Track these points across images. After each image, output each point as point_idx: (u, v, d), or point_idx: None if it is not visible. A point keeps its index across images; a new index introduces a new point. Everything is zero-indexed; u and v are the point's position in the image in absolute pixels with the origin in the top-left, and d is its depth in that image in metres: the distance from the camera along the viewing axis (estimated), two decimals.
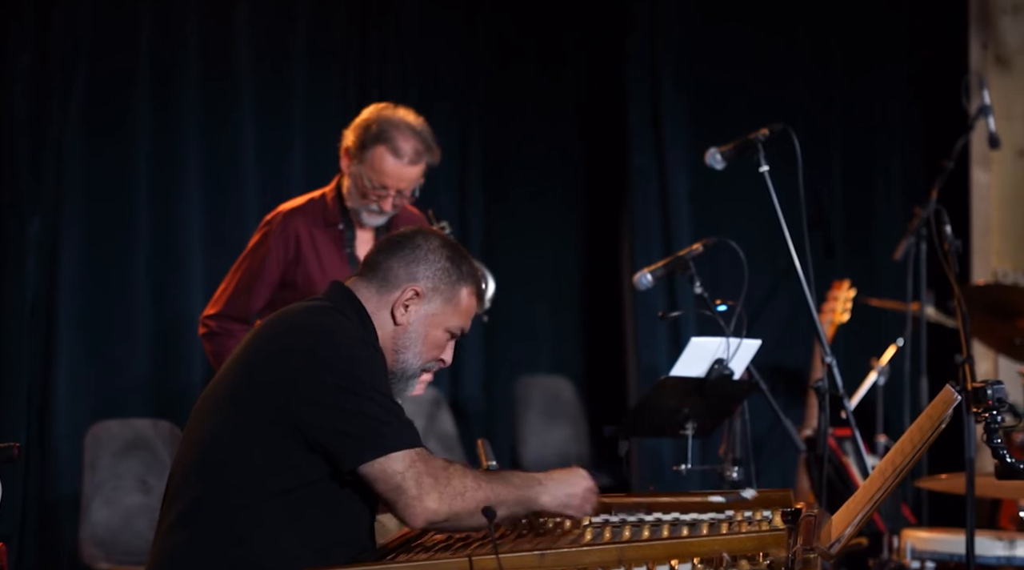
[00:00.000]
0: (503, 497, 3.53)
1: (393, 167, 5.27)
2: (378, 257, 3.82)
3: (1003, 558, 5.95)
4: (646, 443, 7.84)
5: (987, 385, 3.68)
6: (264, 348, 3.64)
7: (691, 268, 5.20)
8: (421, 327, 3.77)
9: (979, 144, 8.17)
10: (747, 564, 3.20)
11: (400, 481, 3.44)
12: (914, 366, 7.57)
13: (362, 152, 5.30)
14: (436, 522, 3.47)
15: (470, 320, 3.88)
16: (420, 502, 3.43)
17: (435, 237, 3.84)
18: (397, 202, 5.34)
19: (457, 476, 3.49)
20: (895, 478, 3.42)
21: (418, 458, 3.47)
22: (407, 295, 3.75)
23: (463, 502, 3.46)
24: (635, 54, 8.13)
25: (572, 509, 3.68)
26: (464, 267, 3.83)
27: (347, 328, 3.62)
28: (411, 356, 3.79)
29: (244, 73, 7.09)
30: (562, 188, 8.48)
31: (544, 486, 3.64)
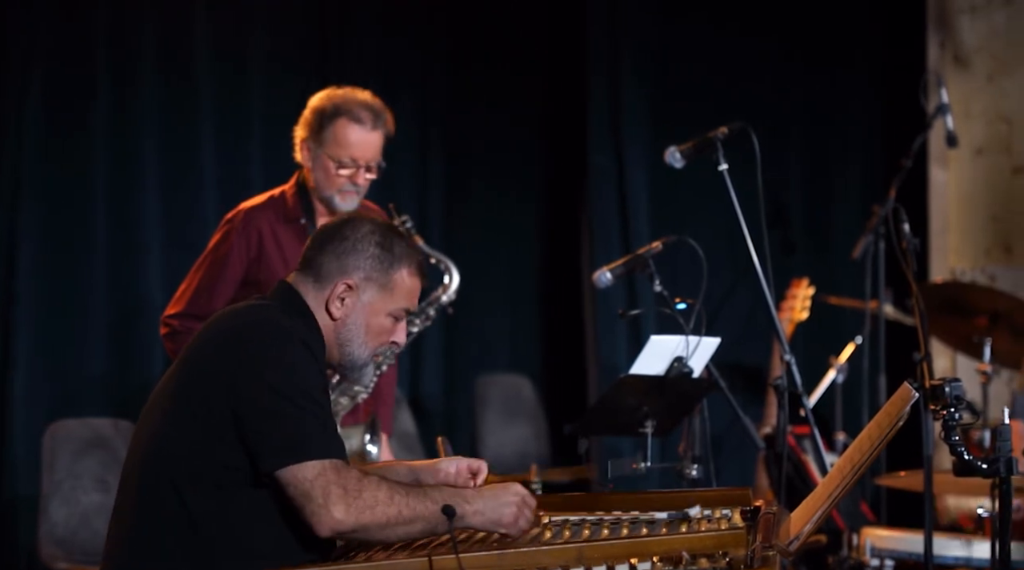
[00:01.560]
0: (420, 513, 3.47)
1: (357, 135, 5.25)
2: (311, 252, 3.80)
3: (961, 558, 5.97)
4: (606, 441, 7.84)
5: (945, 383, 3.69)
6: (208, 347, 3.63)
7: (651, 266, 5.20)
8: (360, 318, 3.75)
9: (937, 143, 8.21)
10: (706, 562, 3.19)
11: (308, 489, 3.41)
12: (872, 364, 7.59)
13: (321, 133, 5.26)
14: (343, 532, 3.44)
15: (415, 298, 3.84)
16: (326, 511, 3.39)
17: (364, 224, 3.79)
18: (368, 177, 5.31)
19: (369, 489, 3.44)
20: (853, 475, 3.42)
21: (331, 468, 3.43)
22: (339, 289, 3.72)
23: (372, 515, 3.41)
24: (595, 51, 8.12)
25: (503, 526, 3.57)
26: (397, 249, 3.77)
27: (287, 329, 3.60)
28: (356, 347, 3.76)
29: (203, 74, 7.05)
30: (522, 186, 8.48)
31: (471, 503, 3.54)
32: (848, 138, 8.75)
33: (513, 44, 8.34)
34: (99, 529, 5.95)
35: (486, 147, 8.31)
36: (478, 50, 8.23)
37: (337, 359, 3.78)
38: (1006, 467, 3.72)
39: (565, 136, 8.39)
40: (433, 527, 3.50)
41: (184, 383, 3.60)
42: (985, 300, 7.20)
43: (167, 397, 3.62)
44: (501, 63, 8.30)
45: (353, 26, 7.65)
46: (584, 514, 3.89)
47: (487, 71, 8.28)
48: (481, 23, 8.23)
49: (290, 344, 3.56)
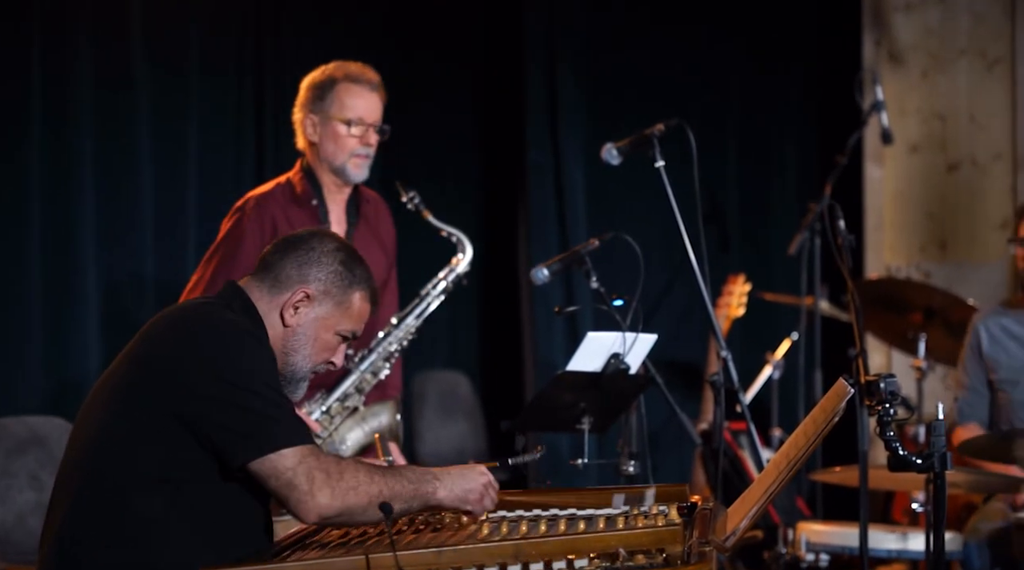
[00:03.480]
0: (397, 492, 3.52)
1: (362, 94, 5.34)
2: (272, 257, 3.80)
3: (895, 551, 6.01)
4: (543, 438, 7.83)
5: (880, 378, 3.71)
6: (153, 343, 3.61)
7: (587, 263, 5.21)
8: (311, 329, 3.75)
9: (872, 140, 8.26)
10: (643, 558, 3.20)
11: (291, 477, 3.42)
12: (808, 360, 7.63)
13: (324, 102, 5.33)
14: (329, 518, 3.46)
15: (362, 324, 3.86)
16: (312, 498, 3.42)
17: (331, 240, 3.82)
18: (376, 138, 5.38)
19: (350, 471, 3.48)
20: (789, 471, 3.44)
21: (309, 454, 3.45)
22: (297, 297, 3.73)
23: (356, 497, 3.45)
24: (532, 44, 8.12)
25: (470, 504, 3.67)
26: (358, 271, 3.80)
27: (236, 323, 3.60)
28: (300, 358, 3.76)
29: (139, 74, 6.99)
30: (458, 181, 8.46)
31: (441, 481, 3.62)
32: (784, 135, 8.79)
33: (449, 39, 8.32)
34: (33, 528, 5.90)
35: (422, 143, 8.28)
36: (414, 47, 8.20)
37: (279, 368, 3.75)
38: (940, 462, 3.74)
39: (502, 132, 8.38)
40: (409, 507, 3.58)
41: (129, 380, 3.57)
42: (920, 296, 7.25)
43: (110, 393, 3.59)
44: (436, 58, 8.28)
45: (288, 22, 7.61)
46: (522, 511, 3.89)
47: (423, 67, 8.26)
48: (418, 15, 8.20)
49: (239, 336, 3.56)
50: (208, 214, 6.96)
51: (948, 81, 8.53)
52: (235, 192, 7.11)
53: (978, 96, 8.49)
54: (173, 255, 6.96)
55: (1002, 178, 8.44)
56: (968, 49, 8.51)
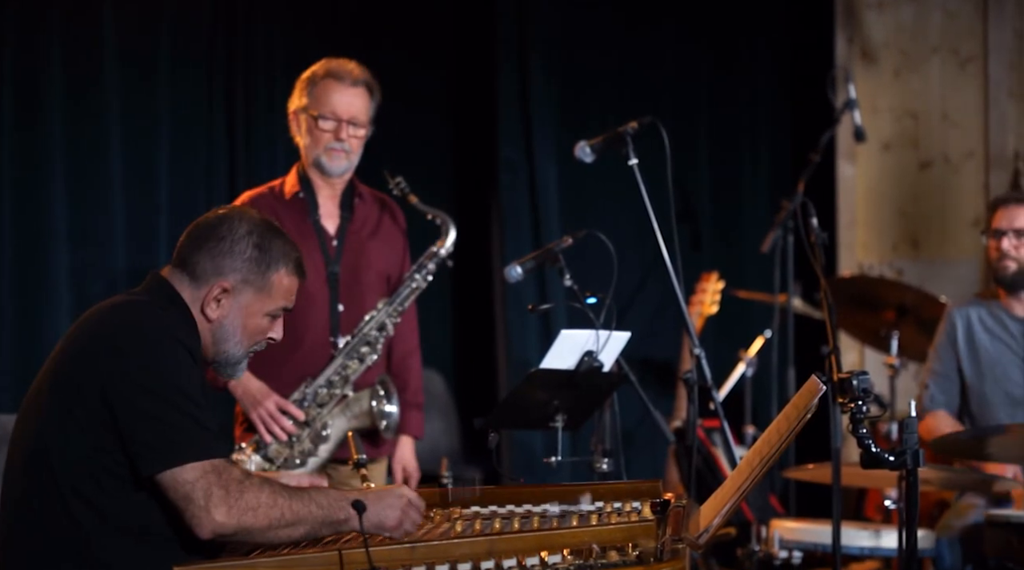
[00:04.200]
0: (303, 516, 3.46)
1: (337, 90, 5.39)
2: (186, 249, 3.72)
3: (867, 548, 6.03)
4: (516, 435, 7.84)
5: (853, 376, 3.72)
6: (78, 344, 3.58)
7: (561, 260, 5.21)
8: (236, 320, 3.70)
9: (845, 137, 8.28)
10: (616, 555, 3.20)
11: (189, 491, 3.38)
12: (781, 357, 7.64)
13: (310, 96, 5.41)
14: (224, 534, 3.40)
15: (292, 297, 3.79)
16: (207, 514, 3.37)
17: (243, 223, 3.72)
18: (353, 134, 5.41)
19: (251, 491, 3.42)
20: (762, 468, 3.44)
21: (211, 469, 3.40)
22: (215, 292, 3.67)
23: (254, 518, 3.40)
24: (504, 41, 8.11)
25: (387, 530, 3.56)
26: (274, 250, 3.71)
27: (162, 326, 3.55)
28: (231, 346, 3.72)
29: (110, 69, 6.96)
30: (431, 179, 8.42)
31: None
32: (757, 133, 8.81)
33: (420, 38, 8.30)
34: None
35: (395, 141, 8.26)
36: (384, 45, 8.18)
37: (211, 356, 3.73)
38: (912, 459, 3.75)
39: (475, 130, 8.37)
40: (317, 530, 3.49)
41: (60, 382, 3.54)
42: (892, 294, 7.27)
43: (44, 394, 3.56)
44: (408, 57, 8.26)
45: (258, 20, 7.58)
46: (495, 507, 3.89)
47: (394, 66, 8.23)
48: (388, 12, 8.18)
49: (164, 344, 3.50)
50: (179, 207, 6.95)
51: (920, 79, 8.55)
52: (206, 186, 7.13)
53: (950, 94, 8.51)
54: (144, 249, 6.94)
55: (974, 176, 8.46)
56: (940, 47, 8.53)
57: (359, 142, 5.46)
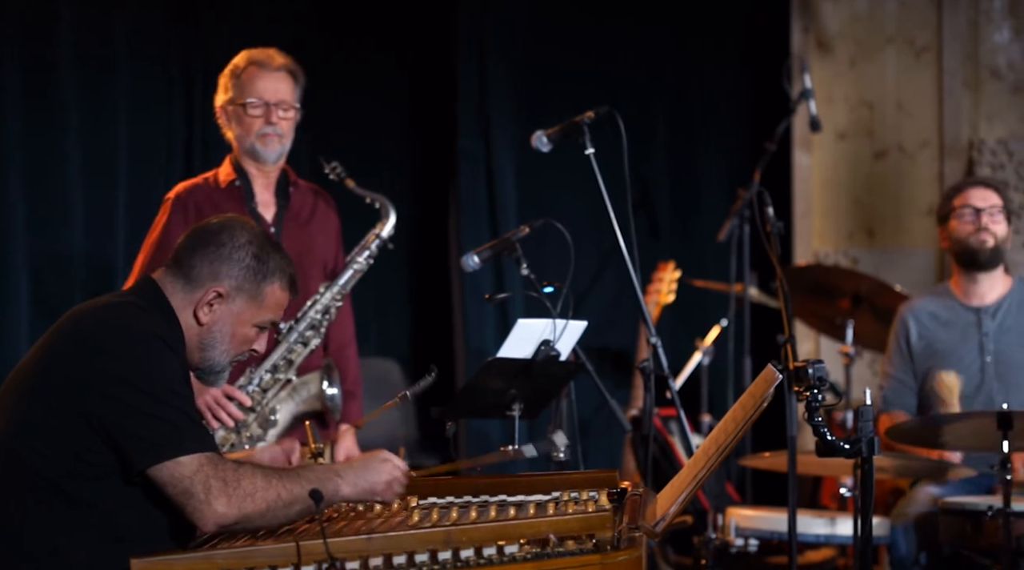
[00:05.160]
0: (297, 494, 3.49)
1: (261, 75, 5.41)
2: (183, 253, 3.76)
3: (823, 536, 6.06)
4: (474, 424, 7.85)
5: (808, 364, 3.74)
6: (63, 341, 3.58)
7: (518, 250, 5.21)
8: (226, 326, 3.74)
9: (801, 127, 8.30)
10: (573, 544, 3.21)
11: (188, 485, 3.41)
12: (738, 346, 7.67)
13: (236, 87, 5.43)
14: (227, 525, 3.44)
15: (281, 311, 3.84)
16: (209, 506, 3.40)
17: (243, 233, 3.78)
18: (283, 117, 5.42)
19: (247, 477, 3.46)
20: (718, 457, 3.46)
21: (207, 462, 3.44)
22: (210, 296, 3.70)
23: (253, 503, 3.44)
24: (463, 31, 8.11)
25: (378, 495, 3.66)
26: (272, 262, 3.77)
27: (145, 324, 3.57)
28: (218, 353, 3.76)
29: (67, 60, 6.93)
30: (389, 168, 8.43)
31: (343, 477, 3.61)
32: (714, 122, 8.82)
33: (381, 29, 8.29)
34: None
35: (353, 131, 8.26)
36: (345, 37, 8.17)
37: (196, 362, 3.75)
38: (867, 447, 3.78)
39: (433, 120, 8.37)
40: (310, 507, 3.50)
41: (40, 378, 3.54)
42: (848, 283, 7.30)
43: (18, 392, 3.56)
44: (369, 49, 8.25)
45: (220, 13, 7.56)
46: (452, 497, 3.90)
47: (355, 57, 8.24)
48: (349, 9, 8.17)
49: (146, 341, 3.52)
50: (137, 200, 6.93)
51: (876, 69, 8.58)
52: (165, 178, 7.09)
53: (905, 84, 8.55)
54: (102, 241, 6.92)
55: (929, 165, 8.50)
56: (895, 37, 8.57)
57: (290, 125, 5.48)
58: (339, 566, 3.13)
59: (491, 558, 3.16)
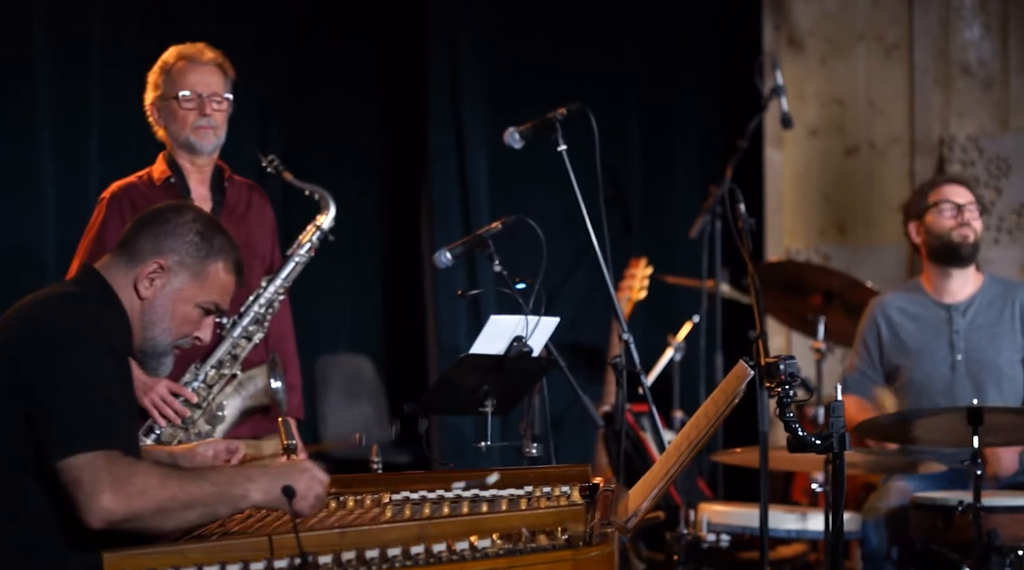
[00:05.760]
0: (196, 496, 3.38)
1: (192, 68, 5.39)
2: (129, 233, 3.74)
3: (794, 531, 6.08)
4: (447, 420, 7.85)
5: (780, 360, 3.75)
6: (7, 334, 3.54)
7: (490, 246, 5.21)
8: (168, 302, 3.69)
9: (772, 124, 8.33)
10: (545, 539, 3.21)
11: (78, 476, 3.31)
12: (709, 342, 7.69)
13: (167, 83, 5.41)
14: (114, 521, 3.32)
15: (226, 296, 3.79)
16: (95, 499, 3.29)
17: (189, 212, 3.76)
18: (216, 108, 5.41)
19: (141, 475, 3.34)
20: (690, 452, 3.47)
21: (102, 457, 3.34)
22: (151, 268, 3.66)
23: (144, 500, 3.32)
24: (434, 28, 8.11)
25: (293, 506, 3.48)
26: (217, 242, 3.73)
27: (80, 319, 3.51)
28: (159, 332, 3.70)
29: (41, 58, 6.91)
30: (362, 166, 8.44)
31: (255, 483, 3.45)
32: (685, 119, 8.84)
33: (352, 23, 8.29)
34: None
35: (325, 129, 8.26)
36: (316, 36, 8.17)
37: (139, 344, 3.70)
38: (839, 443, 3.79)
39: (405, 117, 8.37)
40: (212, 511, 3.42)
41: None
42: (819, 279, 7.32)
43: None
44: (339, 47, 8.25)
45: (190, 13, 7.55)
46: (425, 492, 3.90)
47: (325, 56, 8.23)
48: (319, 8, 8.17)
49: (79, 335, 3.47)
50: None
51: (847, 66, 8.62)
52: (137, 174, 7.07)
53: (876, 81, 8.58)
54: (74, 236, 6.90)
55: (900, 162, 8.54)
56: (866, 34, 8.60)
57: (223, 117, 5.45)
58: (312, 561, 3.13)
59: (464, 553, 3.16)
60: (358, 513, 3.70)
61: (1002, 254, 8.35)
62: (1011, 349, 6.16)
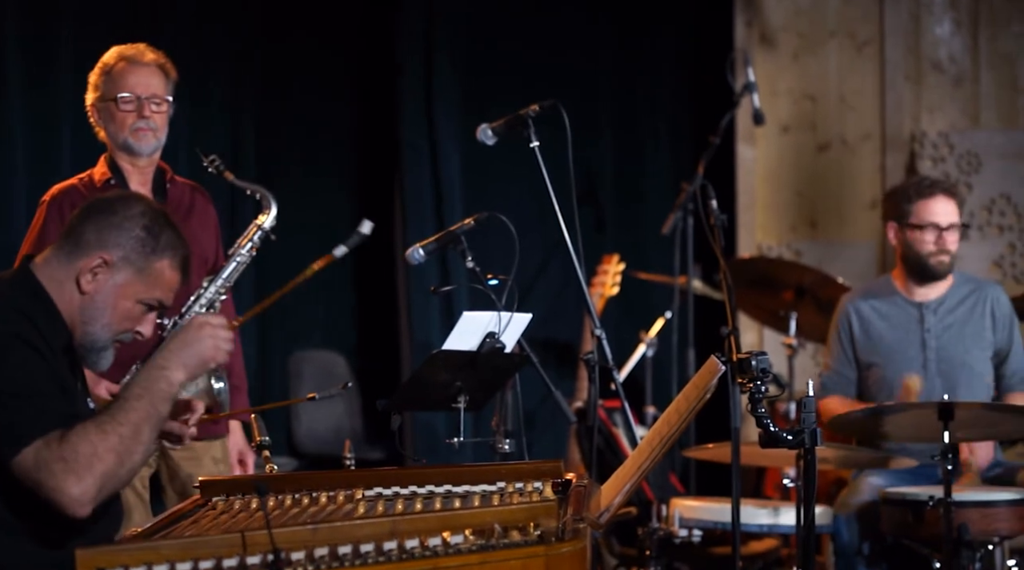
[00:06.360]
0: (135, 420, 3.38)
1: (130, 70, 5.33)
2: (74, 221, 3.67)
3: (766, 526, 6.10)
4: (420, 417, 7.86)
5: (751, 356, 3.76)
6: None
7: (463, 242, 5.21)
8: (109, 298, 3.61)
9: (744, 120, 8.34)
10: (518, 535, 3.22)
11: (36, 476, 3.29)
12: (681, 338, 7.70)
13: (106, 84, 5.35)
14: (92, 497, 3.31)
15: (170, 293, 3.72)
16: (62, 493, 3.29)
17: (137, 205, 3.69)
18: (156, 110, 5.35)
19: (81, 440, 3.31)
20: (662, 448, 3.48)
21: (43, 447, 3.31)
22: (94, 262, 3.59)
23: (102, 462, 3.31)
24: (407, 26, 8.11)
25: (211, 360, 3.54)
26: (163, 238, 3.66)
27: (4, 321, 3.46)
28: (98, 328, 3.63)
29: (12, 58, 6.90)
30: (335, 163, 8.44)
31: (170, 365, 3.48)
32: (658, 116, 8.85)
33: (325, 20, 8.28)
34: None
35: (299, 125, 8.25)
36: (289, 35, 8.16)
37: (78, 339, 3.63)
38: (810, 438, 3.80)
39: (378, 114, 8.37)
40: (156, 418, 3.42)
41: None
42: (791, 275, 7.34)
43: None
44: (312, 43, 8.24)
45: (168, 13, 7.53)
46: (398, 488, 3.90)
47: (299, 55, 8.23)
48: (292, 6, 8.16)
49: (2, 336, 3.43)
50: None
51: (818, 62, 8.64)
52: None
53: (848, 77, 8.61)
54: None
55: (871, 158, 8.57)
56: (838, 31, 8.62)
57: (163, 118, 5.39)
58: (284, 557, 3.13)
59: (436, 549, 3.16)
60: (330, 509, 3.70)
61: (972, 250, 8.38)
62: (981, 347, 6.17)
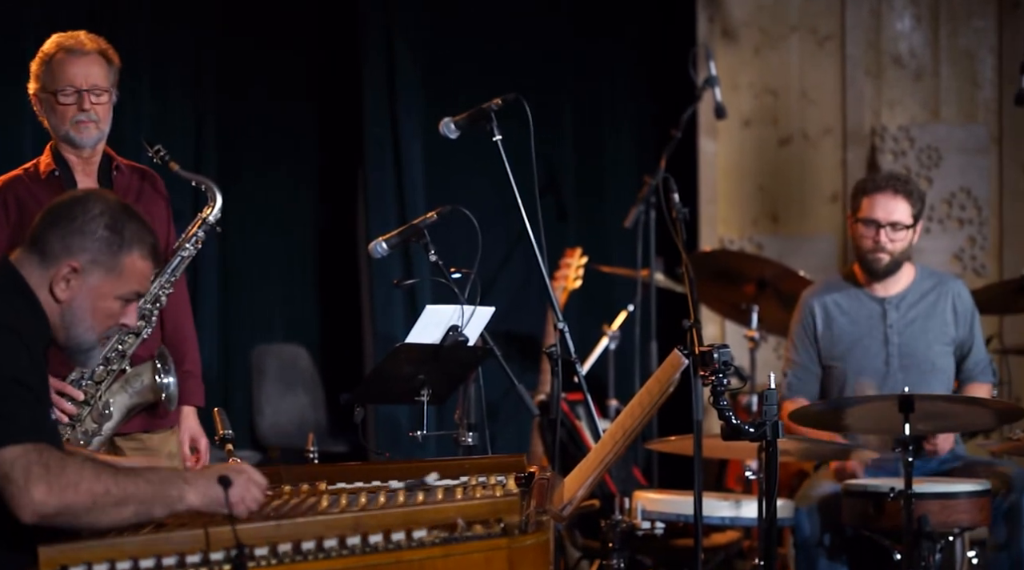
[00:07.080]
0: (131, 493, 3.33)
1: (71, 61, 5.21)
2: (38, 229, 3.63)
3: (728, 518, 6.12)
4: (383, 410, 7.85)
5: (714, 349, 3.78)
6: None
7: (426, 236, 5.21)
8: (86, 301, 3.59)
9: (706, 114, 8.35)
10: (481, 529, 3.22)
11: (8, 470, 3.26)
12: (644, 331, 7.72)
13: (46, 75, 5.24)
14: (47, 514, 3.27)
15: (145, 282, 3.70)
16: (26, 494, 3.24)
17: (96, 203, 3.63)
18: (96, 102, 5.25)
19: (73, 468, 3.30)
20: (625, 441, 3.49)
21: (33, 449, 3.28)
22: (64, 271, 3.56)
23: (76, 494, 3.27)
24: (369, 20, 8.10)
25: (232, 509, 3.41)
26: (127, 232, 3.61)
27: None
28: (82, 331, 3.62)
29: None
30: (297, 157, 8.43)
31: (191, 485, 3.40)
32: (620, 109, 8.86)
33: (284, 17, 8.27)
34: None
35: (261, 120, 8.24)
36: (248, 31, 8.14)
37: (63, 341, 3.62)
38: (772, 431, 3.83)
39: (340, 107, 8.36)
40: (148, 510, 3.36)
41: None
42: (752, 268, 7.36)
43: None
44: (274, 37, 8.23)
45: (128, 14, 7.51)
46: (361, 482, 3.91)
47: (260, 45, 8.21)
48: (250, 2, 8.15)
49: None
50: None
51: (780, 57, 8.66)
52: None
53: (809, 72, 8.64)
54: None
55: (832, 152, 8.60)
56: (799, 26, 8.65)
57: (105, 109, 5.29)
58: (248, 552, 3.13)
59: (400, 543, 3.17)
60: (294, 503, 3.69)
61: (933, 243, 8.42)
62: (943, 341, 6.19)
